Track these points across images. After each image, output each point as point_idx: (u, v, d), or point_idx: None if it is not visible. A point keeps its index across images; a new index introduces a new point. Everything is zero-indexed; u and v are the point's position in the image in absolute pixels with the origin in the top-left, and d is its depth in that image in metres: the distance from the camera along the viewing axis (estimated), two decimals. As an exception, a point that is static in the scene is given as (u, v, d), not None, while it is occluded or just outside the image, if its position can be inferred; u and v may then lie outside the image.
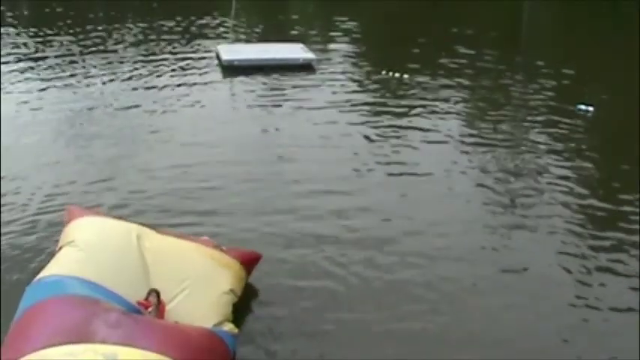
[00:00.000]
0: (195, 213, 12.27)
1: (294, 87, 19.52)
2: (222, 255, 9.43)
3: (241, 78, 20.33)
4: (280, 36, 24.56)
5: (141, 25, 26.94)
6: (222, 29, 25.75)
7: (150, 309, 8.27)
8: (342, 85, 19.86)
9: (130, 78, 20.23)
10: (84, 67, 21.27)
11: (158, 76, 20.39)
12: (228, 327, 8.62)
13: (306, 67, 21.14)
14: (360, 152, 15.36)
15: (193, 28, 26.39)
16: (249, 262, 9.82)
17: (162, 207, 12.52)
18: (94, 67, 21.34)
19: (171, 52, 23.04)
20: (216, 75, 20.79)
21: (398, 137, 16.23)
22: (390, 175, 14.40)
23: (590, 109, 18.19)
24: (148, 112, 17.58)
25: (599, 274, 11.05)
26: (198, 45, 24.05)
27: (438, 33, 27.13)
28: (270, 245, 11.24)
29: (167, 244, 9.30)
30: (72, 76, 20.36)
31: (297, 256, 11.18)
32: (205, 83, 19.88)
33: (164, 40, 24.77)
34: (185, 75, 20.54)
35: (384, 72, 20.77)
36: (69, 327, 7.41)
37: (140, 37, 25.28)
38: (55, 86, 19.44)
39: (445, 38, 25.76)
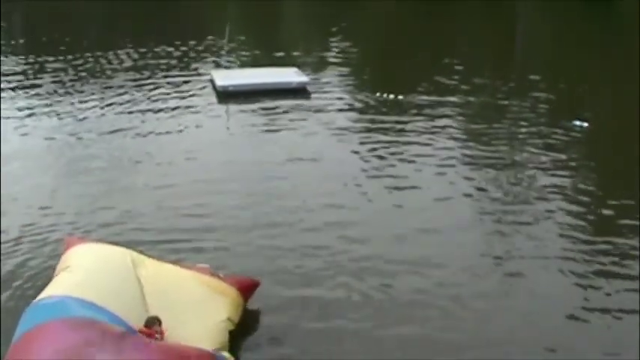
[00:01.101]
0: (191, 231, 12.34)
1: (289, 111, 19.54)
2: (219, 282, 9.40)
3: (236, 103, 20.34)
4: (274, 60, 24.64)
5: (136, 50, 26.96)
6: (216, 54, 25.80)
7: (157, 336, 8.23)
8: (337, 108, 19.87)
9: (125, 103, 20.28)
10: (79, 92, 21.36)
11: (153, 101, 20.46)
12: (225, 354, 8.56)
13: (300, 91, 21.16)
14: (355, 172, 15.41)
15: (188, 54, 26.44)
16: (247, 289, 9.77)
17: (157, 227, 12.62)
18: (90, 92, 21.43)
19: (166, 78, 23.10)
20: (211, 100, 20.78)
21: (394, 156, 16.27)
22: (386, 190, 14.47)
23: (585, 124, 18.26)
24: (143, 136, 17.64)
25: (597, 280, 11.16)
26: (193, 71, 24.11)
27: (433, 50, 27.27)
28: (267, 264, 11.32)
29: (163, 271, 9.31)
30: (67, 101, 20.45)
31: (295, 275, 11.19)
32: (200, 109, 19.88)
33: (159, 65, 24.84)
34: (180, 100, 20.55)
35: (378, 93, 20.82)
36: (70, 351, 7.37)
37: (135, 62, 25.32)
38: (49, 111, 19.54)
39: (440, 55, 25.90)
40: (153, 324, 8.35)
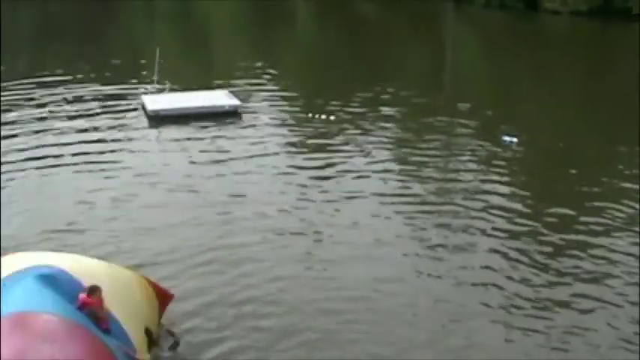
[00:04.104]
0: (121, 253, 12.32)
1: (220, 134, 19.43)
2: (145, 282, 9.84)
3: (167, 127, 20.13)
4: (205, 83, 24.43)
5: (65, 76, 26.46)
6: (147, 79, 25.34)
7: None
8: (268, 130, 19.86)
9: (54, 131, 19.82)
10: (10, 122, 20.75)
11: (84, 129, 20.05)
12: None
13: (232, 114, 21.04)
14: (287, 192, 15.61)
15: (119, 79, 25.93)
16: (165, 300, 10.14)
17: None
18: (19, 120, 20.85)
19: (96, 102, 22.69)
20: (143, 125, 20.50)
21: (325, 179, 16.36)
22: (316, 215, 14.49)
23: (515, 139, 18.57)
24: (74, 165, 17.20)
25: (526, 297, 11.42)
26: (124, 96, 23.64)
27: (364, 72, 27.44)
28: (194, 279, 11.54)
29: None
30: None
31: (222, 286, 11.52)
32: (132, 134, 19.59)
33: (89, 89, 24.35)
34: (111, 127, 20.18)
35: (310, 114, 20.86)
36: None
37: (65, 88, 24.73)
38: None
39: (370, 77, 26.07)
40: (94, 292, 8.63)
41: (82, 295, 8.48)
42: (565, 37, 39.19)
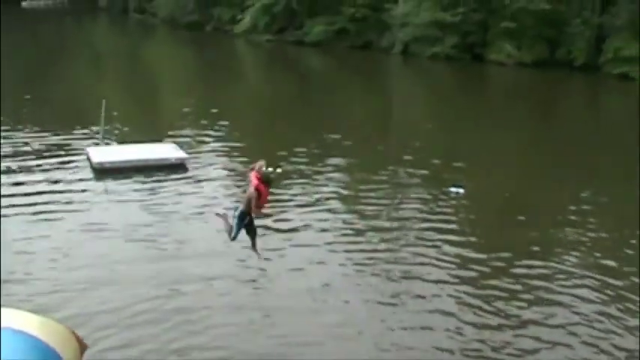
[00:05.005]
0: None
1: (167, 187, 19.16)
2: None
3: (113, 180, 19.78)
4: (152, 134, 24.17)
5: (8, 124, 25.95)
6: (92, 130, 24.95)
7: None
8: (215, 183, 19.65)
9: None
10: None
11: (27, 180, 19.54)
12: None
13: (178, 167, 20.78)
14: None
15: (63, 129, 25.41)
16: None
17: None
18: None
19: (40, 153, 22.18)
20: (87, 177, 20.05)
21: (271, 228, 16.16)
22: (262, 264, 14.21)
23: (461, 190, 18.67)
24: (16, 215, 16.69)
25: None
26: (68, 147, 23.17)
27: (311, 123, 27.58)
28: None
29: None
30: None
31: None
32: (76, 186, 19.14)
33: (32, 140, 23.73)
34: (55, 178, 19.70)
35: (256, 166, 20.69)
36: None
37: (7, 138, 24.07)
38: None
39: (317, 128, 26.21)
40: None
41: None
42: (510, 87, 40.02)
